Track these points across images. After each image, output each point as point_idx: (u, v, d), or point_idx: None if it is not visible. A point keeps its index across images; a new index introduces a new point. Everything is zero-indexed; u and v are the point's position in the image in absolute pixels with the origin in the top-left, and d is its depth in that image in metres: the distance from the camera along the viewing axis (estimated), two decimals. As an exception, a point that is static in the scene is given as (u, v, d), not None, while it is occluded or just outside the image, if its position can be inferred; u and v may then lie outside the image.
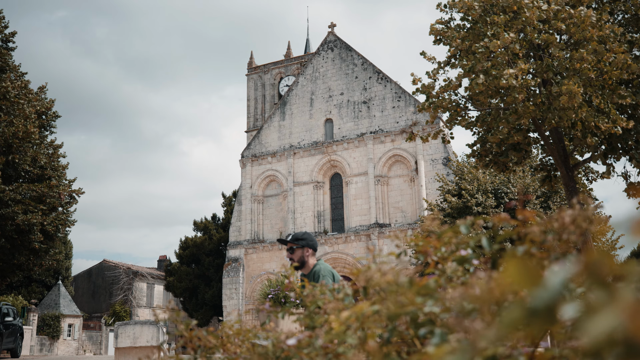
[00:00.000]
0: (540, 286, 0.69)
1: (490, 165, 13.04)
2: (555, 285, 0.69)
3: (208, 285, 38.33)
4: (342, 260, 32.67)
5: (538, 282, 0.70)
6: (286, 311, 1.60)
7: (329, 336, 1.18)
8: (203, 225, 40.80)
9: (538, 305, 0.68)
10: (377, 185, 33.13)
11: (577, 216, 1.08)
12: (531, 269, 0.71)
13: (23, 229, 21.25)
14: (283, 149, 36.28)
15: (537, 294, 0.69)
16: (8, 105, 21.00)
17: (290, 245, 4.65)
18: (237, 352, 1.63)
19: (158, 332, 11.63)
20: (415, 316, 1.05)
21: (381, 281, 1.13)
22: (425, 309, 1.04)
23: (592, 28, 10.20)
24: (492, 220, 1.21)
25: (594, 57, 10.11)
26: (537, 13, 10.23)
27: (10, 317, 19.76)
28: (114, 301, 44.88)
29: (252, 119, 46.61)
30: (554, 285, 0.69)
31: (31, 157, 22.38)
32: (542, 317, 0.68)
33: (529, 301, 0.69)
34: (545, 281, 0.70)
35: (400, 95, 34.12)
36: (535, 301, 0.68)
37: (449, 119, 12.27)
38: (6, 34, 23.49)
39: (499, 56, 10.56)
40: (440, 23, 12.26)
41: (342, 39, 37.02)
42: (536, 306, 0.68)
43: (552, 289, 0.69)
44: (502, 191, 20.93)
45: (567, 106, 10.03)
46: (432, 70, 12.09)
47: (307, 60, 40.06)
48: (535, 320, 0.68)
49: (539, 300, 0.68)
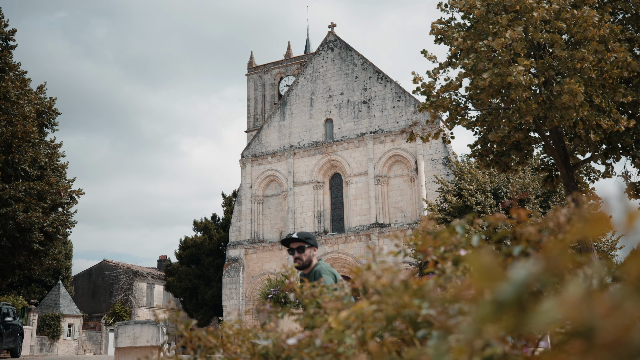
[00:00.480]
0: (503, 281, 0.72)
1: (492, 165, 13.04)
2: (520, 278, 0.72)
3: (208, 285, 38.33)
4: (342, 260, 32.67)
5: (500, 277, 0.73)
6: (286, 311, 1.60)
7: (328, 335, 1.19)
8: (203, 225, 40.80)
9: (505, 297, 0.70)
10: (377, 185, 33.13)
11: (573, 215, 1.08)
12: (491, 265, 0.73)
13: (24, 227, 21.24)
14: (283, 149, 36.28)
15: (502, 288, 0.71)
16: (8, 105, 21.00)
17: (299, 245, 4.49)
18: (237, 352, 1.63)
19: (158, 332, 11.63)
20: (414, 318, 1.06)
21: (376, 284, 1.13)
22: (422, 312, 1.04)
23: (593, 28, 10.21)
24: (489, 220, 1.21)
25: (595, 57, 10.13)
26: (543, 13, 10.24)
27: (10, 317, 19.76)
28: (114, 301, 44.88)
29: (252, 119, 46.62)
30: (519, 278, 0.72)
31: (31, 157, 22.38)
32: (511, 309, 0.70)
33: (496, 295, 0.72)
34: (511, 275, 0.73)
35: (400, 95, 34.12)
36: (501, 294, 0.71)
37: (449, 119, 12.28)
38: (6, 32, 23.45)
39: (501, 55, 10.56)
40: (441, 23, 12.27)
41: (342, 39, 37.03)
42: (504, 299, 0.71)
43: (517, 282, 0.71)
44: (501, 191, 20.96)
45: (569, 105, 10.04)
46: (432, 70, 12.10)
47: (307, 60, 40.07)
48: (505, 312, 0.71)
49: (504, 294, 0.71)
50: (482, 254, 0.73)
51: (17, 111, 21.28)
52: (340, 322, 1.18)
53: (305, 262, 4.47)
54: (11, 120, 21.15)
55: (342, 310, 1.27)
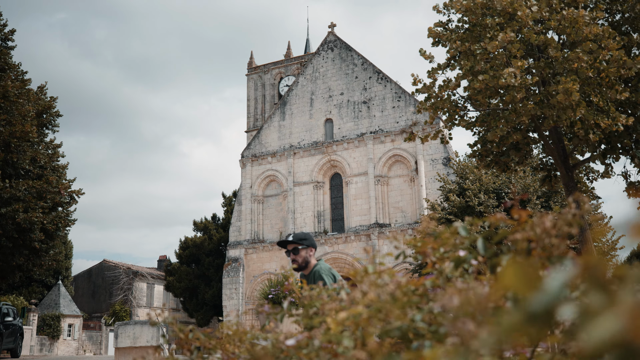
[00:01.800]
0: (539, 290, 0.69)
1: (492, 165, 13.05)
2: (555, 289, 0.69)
3: (208, 285, 38.33)
4: (342, 260, 32.67)
5: (537, 286, 0.69)
6: (285, 312, 1.60)
7: (326, 337, 1.19)
8: (203, 225, 40.79)
9: (537, 309, 0.67)
10: (377, 185, 33.13)
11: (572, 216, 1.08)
12: (530, 272, 0.70)
13: (24, 227, 21.23)
14: (283, 149, 36.28)
15: (536, 298, 0.68)
16: (7, 104, 20.99)
17: (294, 246, 4.44)
18: (236, 353, 1.63)
19: (158, 332, 11.62)
20: (405, 331, 1.05)
21: (363, 301, 1.13)
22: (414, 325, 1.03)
23: (586, 27, 10.21)
24: (490, 221, 1.21)
25: (590, 56, 10.13)
26: (529, 13, 10.25)
27: (10, 317, 19.77)
28: (114, 301, 44.88)
29: (252, 119, 46.61)
30: (553, 289, 0.69)
31: (30, 157, 22.37)
32: (541, 321, 0.67)
33: (528, 305, 0.68)
34: (544, 285, 0.69)
35: (400, 95, 34.12)
36: (535, 305, 0.68)
37: (448, 119, 12.29)
38: (5, 32, 23.44)
39: (497, 57, 10.58)
40: (438, 25, 12.29)
41: (342, 39, 37.02)
42: (535, 310, 0.67)
43: (552, 292, 0.68)
44: (503, 191, 20.96)
45: (565, 104, 10.05)
46: (431, 70, 12.11)
47: (307, 60, 40.06)
48: (534, 324, 0.68)
49: (538, 304, 0.68)
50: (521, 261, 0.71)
51: (17, 111, 21.27)
52: (339, 323, 1.18)
53: (301, 264, 4.42)
54: (10, 120, 21.14)
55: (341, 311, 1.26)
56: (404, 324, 1.04)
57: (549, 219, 1.08)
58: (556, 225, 1.07)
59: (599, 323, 0.62)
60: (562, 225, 1.07)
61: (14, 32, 23.59)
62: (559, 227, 1.07)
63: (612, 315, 0.62)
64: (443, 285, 1.17)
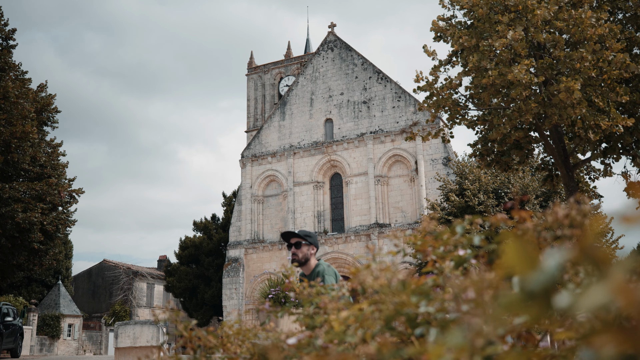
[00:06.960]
0: (537, 269, 0.70)
1: (493, 164, 13.04)
2: (552, 268, 0.70)
3: (208, 285, 38.31)
4: (342, 260, 32.66)
5: (536, 265, 0.71)
6: (286, 311, 1.60)
7: (329, 336, 1.19)
8: (203, 225, 40.78)
9: (535, 287, 0.69)
10: (377, 185, 33.12)
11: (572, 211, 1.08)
12: (530, 251, 0.71)
13: (23, 227, 21.23)
14: (283, 149, 36.26)
15: (534, 277, 0.69)
16: (8, 104, 20.99)
17: (297, 240, 4.40)
18: (237, 352, 1.64)
19: (158, 332, 11.62)
20: (412, 316, 1.06)
21: (374, 284, 1.14)
22: (420, 309, 1.04)
23: (591, 28, 10.22)
24: (490, 221, 1.22)
25: (593, 57, 10.13)
26: (545, 13, 10.24)
27: (10, 317, 19.75)
28: (114, 301, 44.86)
29: (252, 119, 46.59)
30: (551, 268, 0.70)
31: (30, 156, 22.36)
32: (538, 300, 0.69)
33: (527, 283, 0.70)
34: (543, 264, 0.71)
35: (400, 95, 34.11)
36: (532, 284, 0.69)
37: (449, 118, 12.29)
38: (6, 31, 23.43)
39: (502, 54, 10.57)
40: (442, 19, 12.26)
41: (342, 39, 37.02)
42: (533, 289, 0.69)
43: (549, 271, 0.70)
44: (502, 191, 20.96)
45: (567, 103, 10.05)
46: (433, 67, 12.11)
47: (307, 60, 40.05)
48: (531, 303, 0.69)
49: (535, 283, 0.69)
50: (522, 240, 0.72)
51: (17, 111, 21.27)
52: (342, 322, 1.18)
53: (301, 259, 4.39)
54: (10, 120, 21.14)
55: (343, 310, 1.27)
56: (410, 310, 1.05)
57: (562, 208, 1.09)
58: (569, 215, 1.08)
59: (591, 294, 0.65)
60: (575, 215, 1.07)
61: (14, 31, 23.58)
62: (572, 217, 1.08)
63: (602, 287, 0.64)
64: (444, 284, 1.18)
